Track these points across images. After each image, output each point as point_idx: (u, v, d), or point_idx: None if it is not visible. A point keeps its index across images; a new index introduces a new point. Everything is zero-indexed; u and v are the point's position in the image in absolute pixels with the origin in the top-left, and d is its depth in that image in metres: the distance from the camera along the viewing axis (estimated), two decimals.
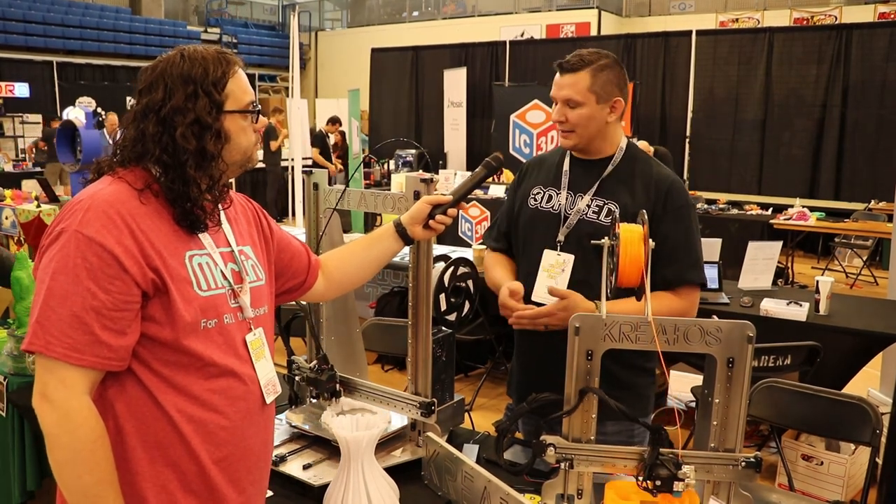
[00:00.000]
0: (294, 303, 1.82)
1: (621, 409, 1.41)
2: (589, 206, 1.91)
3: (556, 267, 1.91)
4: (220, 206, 1.33)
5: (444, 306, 1.89)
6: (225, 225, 1.35)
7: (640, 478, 1.41)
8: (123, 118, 1.29)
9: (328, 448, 1.86)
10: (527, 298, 1.91)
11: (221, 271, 1.29)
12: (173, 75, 1.24)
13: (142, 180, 1.24)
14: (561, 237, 1.92)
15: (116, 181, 1.23)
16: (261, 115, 1.36)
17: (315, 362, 1.74)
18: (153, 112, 1.23)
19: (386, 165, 11.04)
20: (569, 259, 1.90)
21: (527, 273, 1.97)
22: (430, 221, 1.62)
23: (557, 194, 1.97)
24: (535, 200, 2.01)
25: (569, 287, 1.87)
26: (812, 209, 7.59)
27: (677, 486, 1.38)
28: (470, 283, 1.97)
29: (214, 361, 1.25)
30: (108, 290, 1.15)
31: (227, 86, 1.27)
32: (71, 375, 1.15)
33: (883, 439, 2.32)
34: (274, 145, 10.54)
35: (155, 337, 1.21)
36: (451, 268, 1.92)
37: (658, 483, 1.39)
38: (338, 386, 1.71)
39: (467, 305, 1.97)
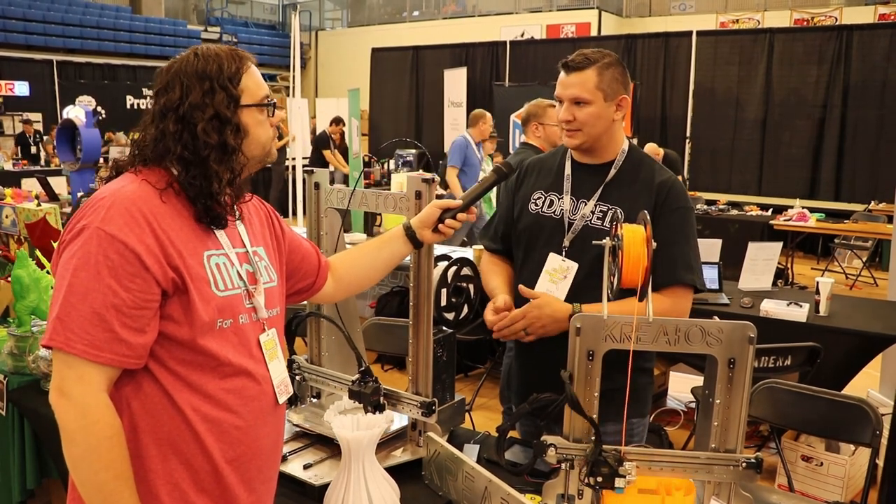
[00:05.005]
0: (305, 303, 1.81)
1: (576, 401, 1.42)
2: (593, 213, 1.90)
3: (559, 272, 1.91)
4: (238, 201, 1.34)
5: (444, 302, 1.89)
6: (240, 225, 1.36)
7: (582, 474, 1.43)
8: (141, 120, 1.30)
9: (329, 448, 1.86)
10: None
11: (237, 272, 1.30)
12: (189, 73, 1.25)
13: (163, 180, 1.24)
14: (566, 242, 1.92)
15: (138, 180, 1.24)
16: (276, 110, 1.37)
17: (358, 375, 1.72)
18: (171, 111, 1.24)
19: (386, 165, 11.04)
20: (572, 266, 1.89)
21: (529, 278, 1.97)
22: (440, 225, 1.63)
23: (559, 199, 1.96)
24: (537, 205, 2.00)
25: (572, 293, 1.88)
26: (812, 210, 7.59)
27: (619, 482, 1.39)
28: (471, 286, 1.96)
29: (229, 361, 1.26)
30: (128, 287, 1.15)
31: (242, 81, 1.29)
32: (89, 372, 1.15)
33: (883, 440, 2.32)
34: (277, 144, 10.52)
35: (172, 336, 1.21)
36: (455, 266, 1.92)
37: (600, 479, 1.40)
38: (382, 399, 1.68)
39: (466, 308, 1.97)
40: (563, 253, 1.92)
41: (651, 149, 7.81)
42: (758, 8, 13.43)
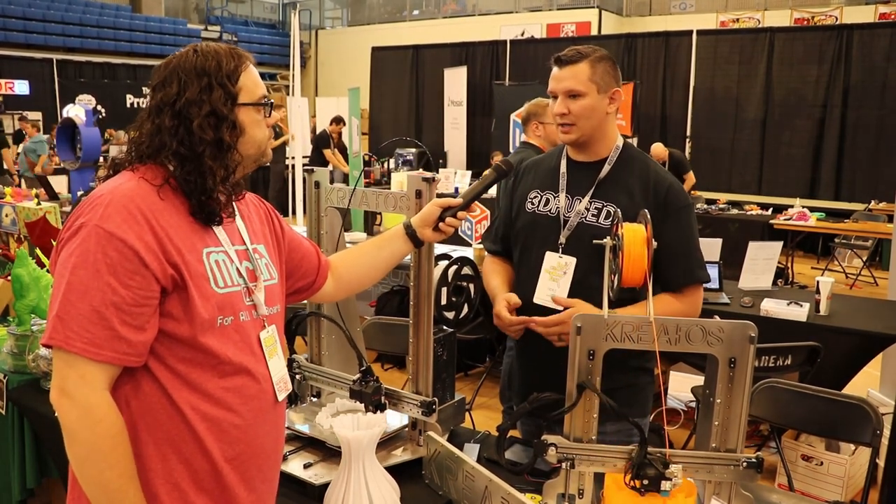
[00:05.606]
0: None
1: (613, 407, 1.41)
2: (588, 209, 1.91)
3: (558, 269, 1.91)
4: (234, 199, 1.34)
5: (444, 301, 1.89)
6: (239, 223, 1.36)
7: (628, 477, 1.42)
8: (138, 116, 1.29)
9: (329, 447, 1.86)
10: (528, 301, 1.91)
11: (237, 269, 1.30)
12: (187, 69, 1.25)
13: (160, 176, 1.24)
14: (562, 239, 1.92)
15: (136, 177, 1.24)
16: (273, 110, 1.36)
17: (359, 375, 1.71)
18: (168, 106, 1.24)
19: (386, 164, 11.04)
20: (571, 262, 1.90)
21: (526, 276, 1.97)
22: (440, 224, 1.63)
23: (555, 197, 1.97)
24: (533, 204, 2.01)
25: (570, 290, 1.88)
26: (812, 209, 7.60)
27: (664, 485, 1.39)
28: (472, 286, 1.96)
29: (230, 359, 1.26)
30: (127, 285, 1.15)
31: (240, 79, 1.29)
32: (90, 371, 1.15)
33: (884, 440, 2.32)
34: (273, 143, 10.49)
35: (172, 333, 1.21)
36: (456, 265, 1.92)
37: (646, 482, 1.39)
38: (383, 398, 1.68)
39: (466, 308, 1.97)
40: (560, 250, 1.92)
41: (657, 149, 7.81)
42: (758, 7, 13.42)
